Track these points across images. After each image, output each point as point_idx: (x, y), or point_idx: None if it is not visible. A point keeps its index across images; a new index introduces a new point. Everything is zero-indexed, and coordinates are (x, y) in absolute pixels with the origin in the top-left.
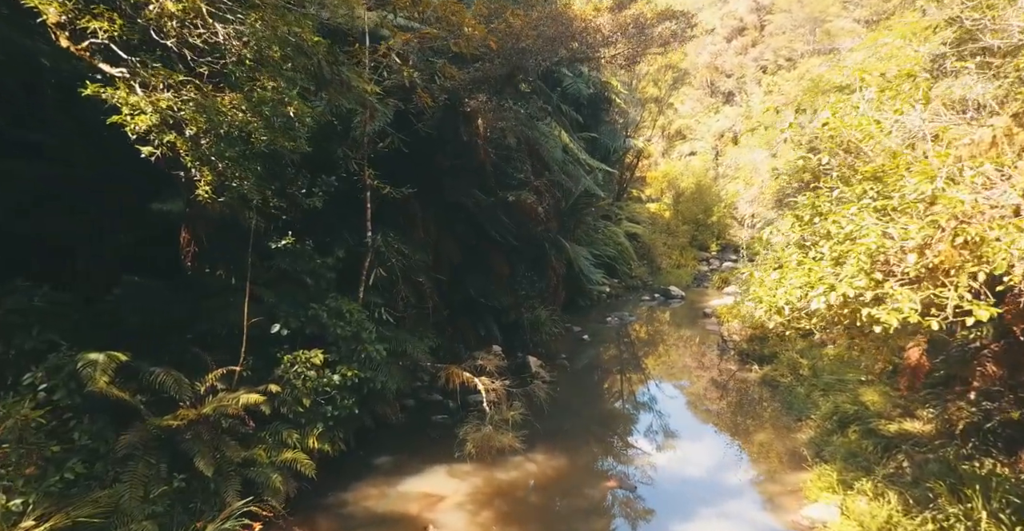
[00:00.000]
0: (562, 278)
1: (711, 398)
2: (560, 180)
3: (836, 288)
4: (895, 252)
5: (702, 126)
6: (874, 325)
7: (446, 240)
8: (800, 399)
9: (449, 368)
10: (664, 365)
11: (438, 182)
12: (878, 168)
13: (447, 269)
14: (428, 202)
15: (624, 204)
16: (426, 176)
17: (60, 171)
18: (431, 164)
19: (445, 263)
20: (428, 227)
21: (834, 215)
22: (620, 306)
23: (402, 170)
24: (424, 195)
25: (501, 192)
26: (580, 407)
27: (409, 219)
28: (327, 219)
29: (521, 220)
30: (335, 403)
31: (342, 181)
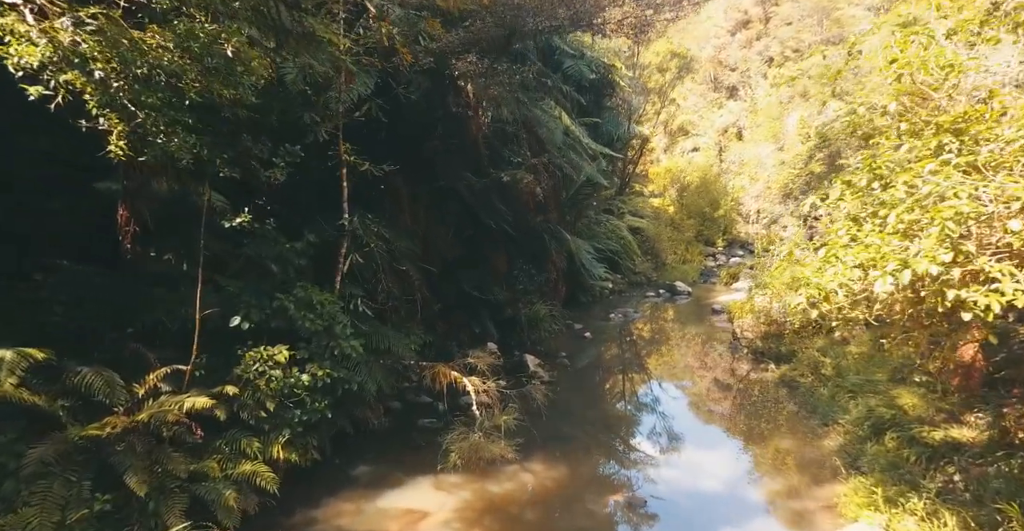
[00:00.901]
0: (563, 272)
1: (724, 400)
2: (560, 166)
3: (911, 265)
4: (989, 218)
5: (705, 121)
6: (963, 311)
7: (437, 228)
8: (824, 402)
9: (435, 367)
10: (671, 364)
11: (428, 163)
12: (959, 116)
13: (438, 260)
14: (417, 185)
15: (627, 198)
16: (414, 156)
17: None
18: (419, 143)
19: (436, 253)
20: (416, 213)
21: (904, 174)
22: (623, 302)
23: (387, 149)
24: (412, 178)
25: (495, 172)
26: (582, 410)
27: (395, 203)
28: (298, 199)
29: (519, 208)
30: (304, 406)
31: (316, 158)
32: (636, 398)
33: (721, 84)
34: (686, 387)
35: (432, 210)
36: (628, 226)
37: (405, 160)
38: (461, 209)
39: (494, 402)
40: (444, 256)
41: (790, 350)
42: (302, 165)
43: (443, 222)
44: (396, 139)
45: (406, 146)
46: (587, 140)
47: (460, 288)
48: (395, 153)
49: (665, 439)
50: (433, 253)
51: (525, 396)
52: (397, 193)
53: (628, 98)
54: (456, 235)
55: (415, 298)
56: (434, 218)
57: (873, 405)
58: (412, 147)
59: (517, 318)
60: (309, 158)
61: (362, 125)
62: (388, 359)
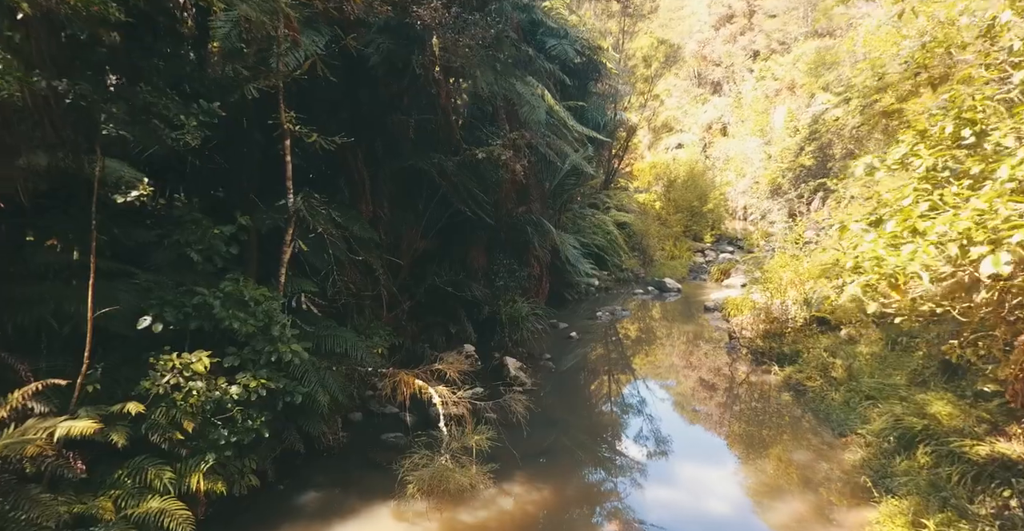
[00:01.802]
0: (547, 268)
1: (724, 406)
2: (544, 152)
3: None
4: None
5: (689, 118)
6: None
7: (404, 216)
8: (838, 408)
9: (397, 375)
10: (664, 367)
11: (392, 141)
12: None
13: (406, 252)
14: (379, 166)
15: (612, 192)
16: (376, 132)
17: None
18: (383, 116)
19: (403, 245)
20: (378, 198)
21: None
22: (611, 300)
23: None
24: (374, 157)
25: (470, 149)
26: (567, 419)
27: (353, 186)
28: (233, 176)
29: (498, 194)
30: (234, 425)
31: (258, 128)
32: (627, 405)
33: (705, 80)
34: (681, 392)
35: (398, 195)
36: (614, 221)
37: (366, 136)
38: (432, 194)
39: (466, 416)
40: (413, 248)
41: (794, 350)
42: (238, 135)
43: (411, 209)
44: (355, 112)
45: (367, 120)
46: (573, 122)
47: (432, 284)
48: (355, 128)
49: (662, 453)
50: (400, 244)
51: (504, 406)
52: (355, 174)
53: (615, 84)
54: (428, 225)
55: (380, 295)
56: (400, 204)
57: (899, 413)
58: (374, 122)
59: (496, 317)
60: (247, 127)
61: (313, 93)
62: (346, 365)
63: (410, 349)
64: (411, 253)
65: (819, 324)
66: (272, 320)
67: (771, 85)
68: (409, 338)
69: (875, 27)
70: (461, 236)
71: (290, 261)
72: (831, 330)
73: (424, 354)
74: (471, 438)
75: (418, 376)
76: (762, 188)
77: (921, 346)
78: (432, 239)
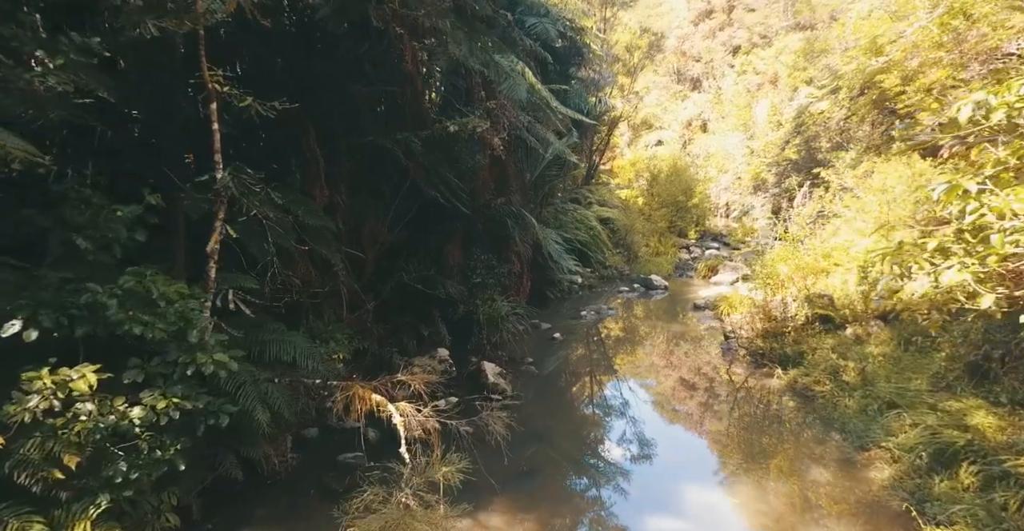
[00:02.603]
0: (528, 264)
1: (726, 415)
2: (522, 134)
3: None
4: None
5: (669, 114)
6: None
7: (367, 202)
8: (854, 417)
9: (351, 387)
10: (656, 370)
11: (352, 116)
12: None
13: (371, 245)
14: (337, 146)
15: (594, 187)
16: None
17: None
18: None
19: (367, 236)
20: (336, 183)
21: None
22: (595, 298)
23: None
24: (331, 135)
25: (439, 121)
26: (553, 432)
27: (306, 168)
28: (148, 147)
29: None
30: (138, 457)
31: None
32: (619, 414)
33: (685, 76)
34: (676, 399)
35: (360, 179)
36: (597, 216)
37: (320, 109)
38: (400, 180)
39: (434, 437)
40: (379, 240)
41: (797, 351)
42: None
43: (376, 196)
44: (307, 80)
45: (321, 91)
46: (556, 103)
47: (400, 281)
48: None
49: (662, 472)
50: (363, 236)
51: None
52: (308, 153)
53: (600, 69)
54: (396, 215)
55: (340, 293)
56: (363, 190)
57: (934, 425)
58: (330, 92)
59: (474, 318)
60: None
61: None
62: (290, 377)
63: (376, 354)
64: (376, 246)
65: (822, 322)
66: (190, 323)
67: (753, 79)
68: (375, 342)
69: (866, 12)
70: (434, 228)
71: (227, 253)
72: (835, 329)
73: (392, 360)
74: (438, 470)
75: (379, 388)
76: (745, 184)
77: (944, 347)
78: (401, 231)
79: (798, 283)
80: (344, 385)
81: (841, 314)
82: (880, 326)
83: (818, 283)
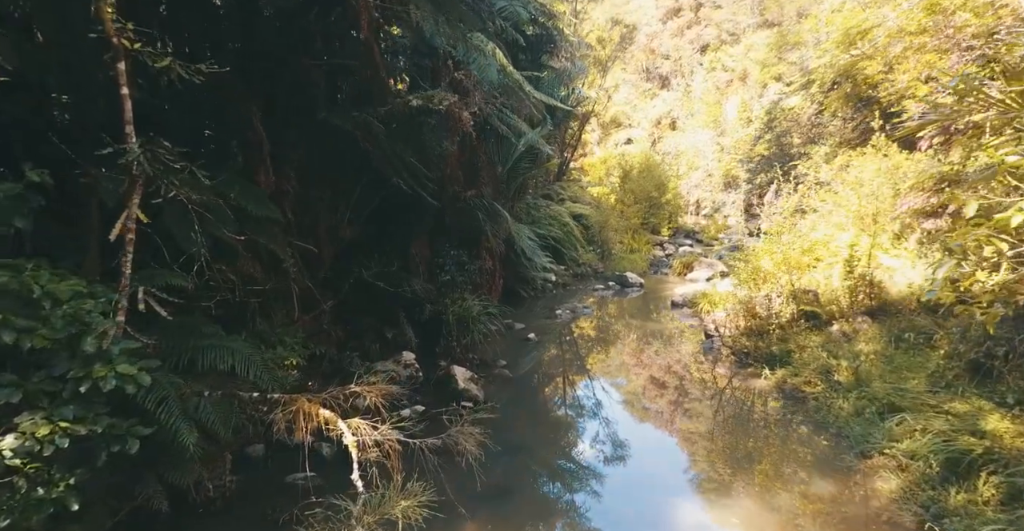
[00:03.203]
0: (500, 261)
1: (713, 419)
2: (493, 121)
3: None
4: None
5: (638, 113)
6: None
7: (324, 193)
8: (850, 421)
9: (296, 401)
10: (637, 371)
11: (302, 92)
12: None
13: (327, 239)
14: (286, 126)
15: (565, 184)
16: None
17: None
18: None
19: (323, 229)
20: (284, 168)
21: None
22: (570, 297)
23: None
24: (278, 114)
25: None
26: (528, 443)
27: (249, 151)
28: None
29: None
30: (12, 497)
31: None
32: (597, 420)
33: (654, 74)
34: (658, 401)
35: (314, 165)
36: (570, 213)
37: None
38: (361, 167)
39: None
40: (338, 234)
41: (783, 350)
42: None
43: (332, 184)
44: (249, 49)
45: (266, 62)
46: (529, 88)
47: (362, 279)
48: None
49: (648, 483)
50: (317, 228)
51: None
52: (250, 133)
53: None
54: (357, 207)
55: (291, 292)
56: (317, 178)
57: (946, 430)
58: (277, 65)
59: (443, 318)
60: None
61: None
62: (231, 387)
63: (335, 359)
64: (334, 240)
65: (807, 319)
66: (88, 328)
67: (722, 76)
68: (333, 346)
69: (839, 4)
70: (400, 222)
71: (152, 245)
72: (821, 326)
73: (352, 365)
74: (396, 504)
75: (330, 401)
76: (716, 181)
77: (942, 344)
78: (363, 225)
79: (782, 278)
80: (288, 398)
81: (828, 310)
82: (867, 322)
83: (803, 278)
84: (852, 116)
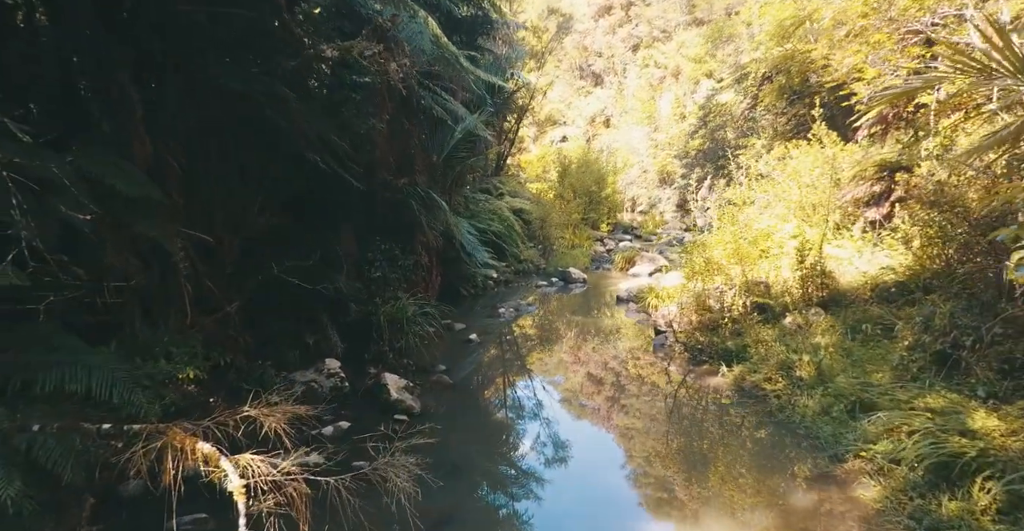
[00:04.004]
0: (438, 256)
1: (670, 422)
2: (426, 101)
3: None
4: None
5: (573, 110)
6: None
7: (225, 173)
8: (817, 420)
9: (169, 432)
10: (587, 372)
11: (186, 45)
12: None
13: (231, 227)
14: (165, 86)
15: (505, 179)
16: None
17: None
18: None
19: (223, 216)
20: (165, 138)
21: None
22: (512, 294)
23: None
24: (156, 72)
25: (310, 46)
26: (471, 461)
27: (118, 115)
28: None
29: (370, 158)
30: None
31: None
32: (548, 429)
33: (587, 72)
34: (612, 403)
35: (208, 138)
36: (510, 207)
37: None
38: (273, 144)
39: (299, 509)
40: (247, 223)
41: (739, 345)
42: None
43: (232, 161)
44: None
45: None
46: (466, 63)
47: (275, 276)
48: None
49: (605, 498)
50: (214, 215)
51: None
52: (118, 93)
53: (510, 41)
54: (271, 191)
55: (180, 289)
56: (216, 153)
57: (932, 430)
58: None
59: (373, 320)
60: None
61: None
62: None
63: (244, 369)
64: (240, 230)
65: (759, 312)
66: None
67: (655, 73)
68: (242, 354)
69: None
70: (323, 211)
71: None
72: (773, 318)
73: (266, 376)
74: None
75: (212, 431)
76: (651, 177)
77: (905, 334)
78: (279, 213)
79: (734, 270)
80: (154, 429)
81: (780, 302)
82: (820, 314)
83: (755, 269)
84: (785, 110)
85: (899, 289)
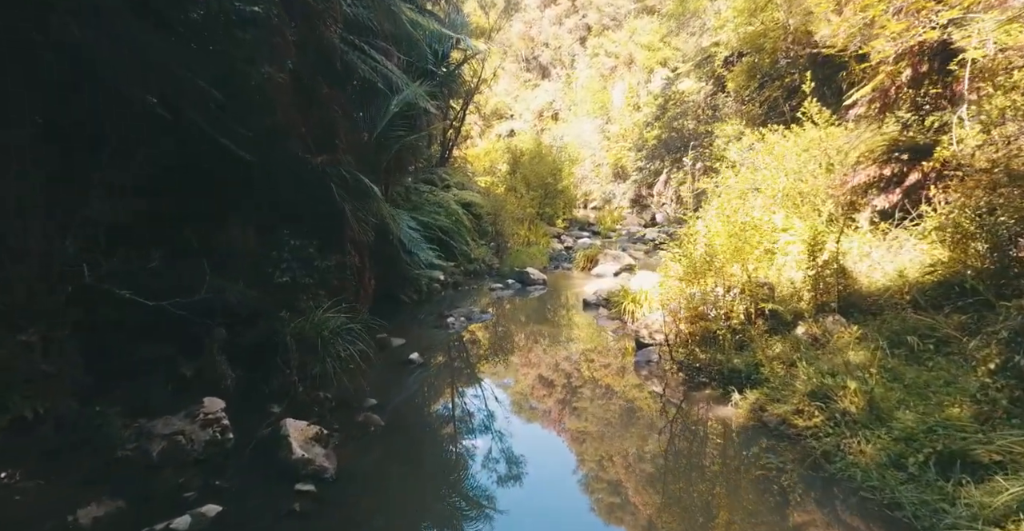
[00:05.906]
0: (370, 255)
1: (687, 481)
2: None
3: None
4: None
5: (520, 104)
6: None
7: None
8: (885, 478)
9: None
10: (560, 400)
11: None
12: None
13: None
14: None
15: (451, 170)
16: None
17: None
18: None
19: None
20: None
21: None
22: (463, 299)
23: None
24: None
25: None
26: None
27: None
28: None
29: (270, 121)
30: None
31: None
32: (515, 494)
33: (534, 64)
34: (595, 446)
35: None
36: (458, 200)
37: None
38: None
39: None
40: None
41: (748, 362)
42: None
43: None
44: None
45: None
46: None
47: (135, 284)
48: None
49: None
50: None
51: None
52: None
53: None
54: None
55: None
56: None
57: None
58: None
59: (277, 339)
60: None
61: None
62: None
63: (75, 419)
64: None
65: (765, 319)
66: None
67: (607, 62)
68: (74, 397)
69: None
70: (203, 195)
71: None
72: (782, 328)
73: (109, 426)
74: None
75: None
76: (605, 172)
77: (989, 353)
78: (142, 199)
79: (728, 269)
80: None
81: (790, 308)
82: (841, 323)
83: (756, 268)
84: (753, 95)
85: (937, 291)
